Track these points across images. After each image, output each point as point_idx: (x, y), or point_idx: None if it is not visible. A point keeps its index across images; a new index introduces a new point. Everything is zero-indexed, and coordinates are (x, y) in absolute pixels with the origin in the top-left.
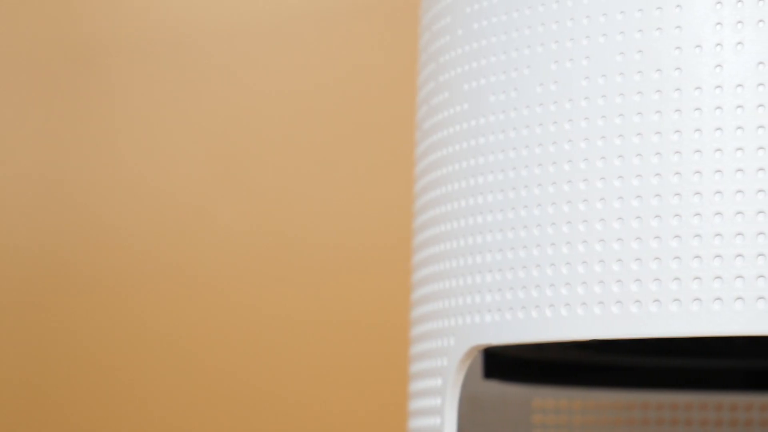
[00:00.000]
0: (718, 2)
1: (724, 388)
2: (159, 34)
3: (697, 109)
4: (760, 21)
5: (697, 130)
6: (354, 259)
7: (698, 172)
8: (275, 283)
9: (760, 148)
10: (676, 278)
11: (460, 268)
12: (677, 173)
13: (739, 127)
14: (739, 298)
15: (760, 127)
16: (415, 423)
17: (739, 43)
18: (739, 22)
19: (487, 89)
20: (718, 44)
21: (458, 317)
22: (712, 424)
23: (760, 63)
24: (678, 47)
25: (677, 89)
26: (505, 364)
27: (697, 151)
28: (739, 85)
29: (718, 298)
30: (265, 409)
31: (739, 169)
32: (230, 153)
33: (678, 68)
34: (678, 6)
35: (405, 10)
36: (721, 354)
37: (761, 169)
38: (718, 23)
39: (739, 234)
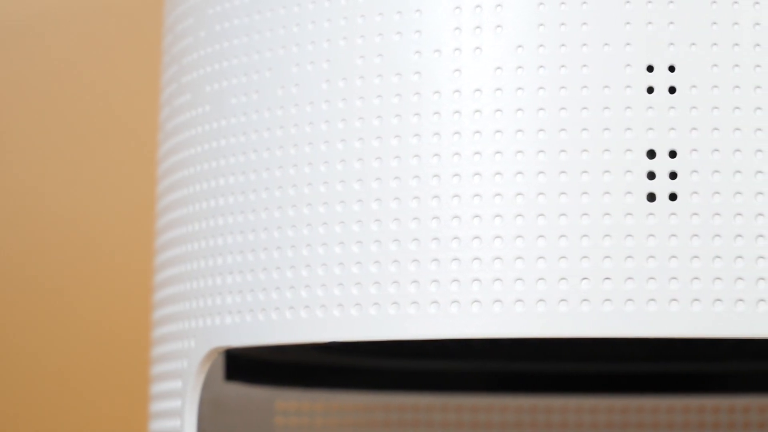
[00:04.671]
0: (457, 7)
1: (464, 390)
2: None
3: (436, 113)
4: (498, 26)
5: (436, 134)
6: (98, 261)
7: (437, 175)
8: (19, 284)
9: (497, 152)
10: (414, 281)
11: (201, 270)
12: (416, 177)
13: (477, 132)
14: (475, 301)
15: (498, 131)
16: (155, 425)
17: (477, 48)
18: (478, 27)
19: (228, 91)
20: (456, 49)
21: (198, 319)
22: (453, 426)
23: (498, 68)
24: (417, 51)
25: (417, 93)
26: (247, 366)
27: (436, 155)
28: (477, 90)
29: (456, 301)
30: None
31: (477, 173)
32: None
33: (417, 72)
34: (418, 10)
35: (148, 10)
36: (460, 356)
37: (498, 173)
38: (457, 28)
39: (476, 237)
